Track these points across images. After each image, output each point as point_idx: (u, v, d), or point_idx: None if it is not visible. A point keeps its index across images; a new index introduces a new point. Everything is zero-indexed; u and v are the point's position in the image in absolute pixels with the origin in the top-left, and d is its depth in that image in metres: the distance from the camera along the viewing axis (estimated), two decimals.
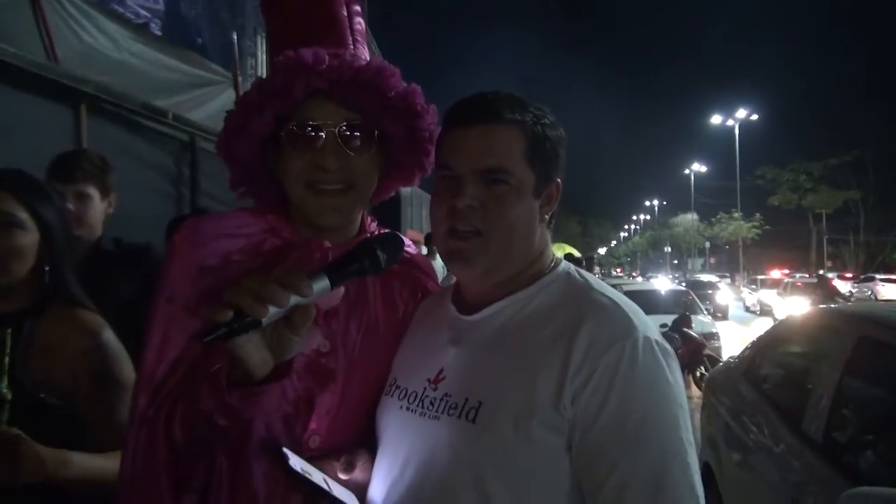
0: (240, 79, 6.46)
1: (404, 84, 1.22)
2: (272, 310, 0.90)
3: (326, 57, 1.13)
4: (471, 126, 1.13)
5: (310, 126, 1.16)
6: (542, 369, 1.05)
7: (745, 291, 32.90)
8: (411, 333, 1.33)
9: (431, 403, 1.13)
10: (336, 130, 1.16)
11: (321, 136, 1.16)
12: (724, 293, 27.74)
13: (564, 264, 1.23)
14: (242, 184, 1.31)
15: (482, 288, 1.20)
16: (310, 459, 1.13)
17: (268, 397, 1.07)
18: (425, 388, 1.16)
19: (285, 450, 1.07)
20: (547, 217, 1.21)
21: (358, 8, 1.29)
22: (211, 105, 5.67)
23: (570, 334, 1.06)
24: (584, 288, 1.16)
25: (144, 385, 1.13)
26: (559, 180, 1.20)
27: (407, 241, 1.49)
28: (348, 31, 1.23)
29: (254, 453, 1.15)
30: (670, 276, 51.22)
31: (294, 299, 0.92)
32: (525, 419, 1.03)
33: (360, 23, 1.27)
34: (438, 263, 3.95)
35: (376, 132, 1.22)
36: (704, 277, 39.47)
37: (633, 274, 73.08)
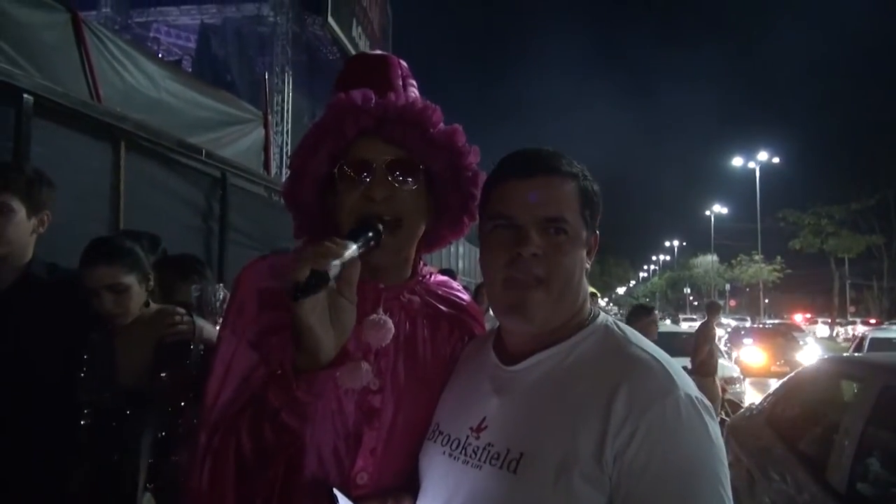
0: (270, 117, 6.63)
1: (443, 127, 1.29)
2: (334, 264, 1.02)
3: (374, 97, 1.22)
4: (531, 177, 1.17)
5: (359, 162, 1.24)
6: (583, 423, 1.06)
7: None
8: (454, 379, 1.36)
9: (474, 452, 1.15)
10: (383, 165, 1.24)
11: (370, 170, 1.23)
12: (810, 349, 18.15)
13: (603, 316, 1.24)
14: (304, 231, 1.38)
15: (526, 338, 1.22)
16: (357, 501, 1.17)
17: (326, 398, 1.14)
18: (468, 437, 1.18)
19: (335, 491, 1.12)
20: (587, 267, 1.24)
21: (414, 82, 1.39)
22: (242, 142, 5.84)
23: (610, 390, 1.07)
24: (623, 342, 1.17)
25: (205, 416, 1.19)
26: (598, 232, 1.25)
27: (459, 286, 1.55)
28: (402, 93, 1.33)
29: (305, 489, 1.20)
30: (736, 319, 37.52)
31: (348, 252, 1.05)
32: (566, 472, 1.04)
33: (413, 92, 1.37)
34: None
35: (421, 166, 1.28)
36: (773, 322, 29.41)
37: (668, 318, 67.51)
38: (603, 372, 1.11)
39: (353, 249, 1.08)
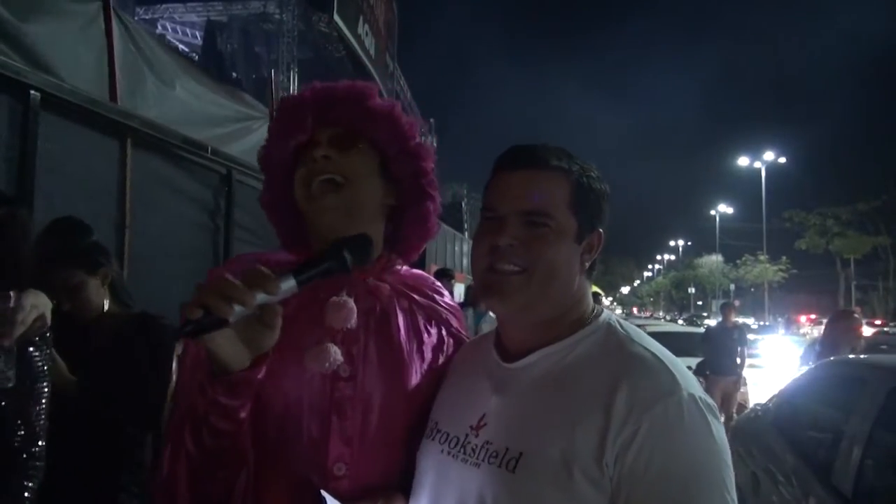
0: (275, 114, 6.62)
1: (380, 100, 1.37)
2: (238, 308, 0.93)
3: (318, 85, 1.36)
4: (516, 171, 1.17)
5: (308, 143, 1.32)
6: (583, 422, 1.04)
7: None
8: (452, 377, 1.34)
9: (473, 450, 1.14)
10: (326, 138, 1.30)
11: (316, 145, 1.30)
12: None
13: (606, 314, 1.22)
14: (281, 236, 1.43)
15: (522, 334, 1.21)
16: (347, 501, 1.15)
17: (252, 392, 1.09)
18: (467, 435, 1.17)
19: (323, 492, 1.10)
20: (587, 265, 1.21)
21: None
22: (248, 139, 5.81)
23: (611, 388, 1.05)
24: (625, 340, 1.15)
25: (175, 409, 1.21)
26: (601, 231, 1.21)
27: (439, 284, 1.53)
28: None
29: (283, 483, 1.20)
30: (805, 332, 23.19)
31: (261, 298, 0.96)
32: (565, 471, 1.03)
33: None
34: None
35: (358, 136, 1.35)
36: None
37: (678, 318, 61.24)
38: (604, 370, 1.09)
39: (288, 287, 0.99)
